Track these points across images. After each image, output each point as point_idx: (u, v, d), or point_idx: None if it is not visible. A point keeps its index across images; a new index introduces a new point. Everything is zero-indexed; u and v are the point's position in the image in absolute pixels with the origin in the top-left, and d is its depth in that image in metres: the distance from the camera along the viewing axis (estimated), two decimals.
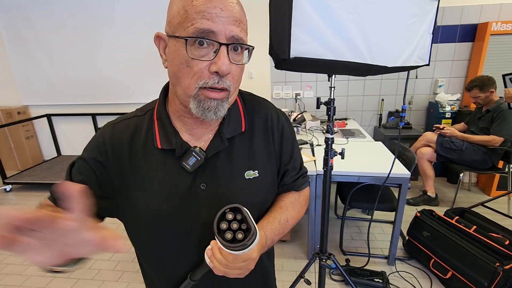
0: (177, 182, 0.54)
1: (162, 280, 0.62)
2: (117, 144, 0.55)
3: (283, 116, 0.65)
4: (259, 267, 0.63)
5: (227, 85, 0.48)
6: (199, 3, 0.44)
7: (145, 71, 3.48)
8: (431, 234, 1.83)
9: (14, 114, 3.69)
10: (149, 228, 0.56)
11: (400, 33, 0.94)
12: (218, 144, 0.56)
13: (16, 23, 3.44)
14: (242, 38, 0.47)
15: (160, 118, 0.56)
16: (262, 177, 0.59)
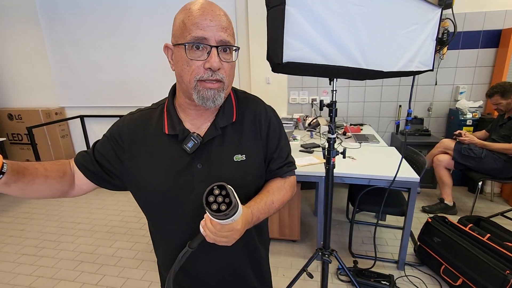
0: (178, 161, 0.66)
1: (165, 246, 0.74)
2: (133, 129, 0.70)
3: (271, 111, 0.76)
4: (249, 245, 0.76)
5: (220, 77, 0.60)
6: (194, 17, 0.57)
7: (167, 76, 3.70)
8: (442, 240, 1.81)
9: (52, 115, 4.05)
10: (154, 198, 0.68)
11: (397, 40, 1.00)
12: (213, 131, 0.68)
13: (57, 33, 3.81)
14: (229, 41, 0.60)
15: (169, 110, 0.70)
16: (249, 160, 0.69)
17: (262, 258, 0.83)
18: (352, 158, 2.07)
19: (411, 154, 2.11)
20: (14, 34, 3.98)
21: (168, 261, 0.73)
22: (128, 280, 1.91)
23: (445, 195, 2.59)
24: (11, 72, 4.18)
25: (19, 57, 4.08)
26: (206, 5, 0.59)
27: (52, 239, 2.41)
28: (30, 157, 4.21)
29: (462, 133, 2.51)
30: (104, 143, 0.71)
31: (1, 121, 4.21)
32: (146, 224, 0.73)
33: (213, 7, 0.59)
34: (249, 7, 3.24)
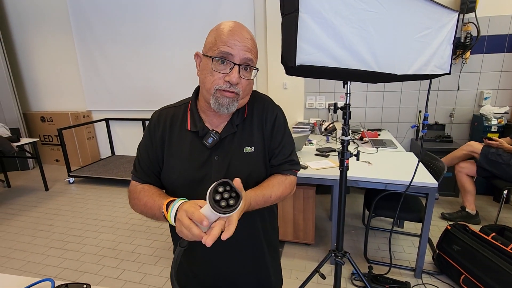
0: (199, 154, 0.75)
1: (188, 251, 0.79)
2: (162, 124, 0.79)
3: (278, 109, 0.83)
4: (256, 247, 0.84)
5: (237, 90, 0.69)
6: (224, 35, 0.67)
7: (188, 82, 3.83)
8: (462, 248, 1.76)
9: (80, 117, 4.30)
10: (178, 188, 0.77)
11: (410, 44, 1.02)
12: (230, 129, 0.76)
13: (86, 40, 4.06)
14: (252, 60, 0.69)
15: (191, 110, 0.79)
16: (257, 152, 0.78)
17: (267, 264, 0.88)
18: (368, 162, 2.06)
19: (430, 160, 2.07)
20: (48, 41, 4.28)
21: (191, 256, 0.81)
22: (146, 276, 1.99)
23: (467, 203, 2.50)
24: (45, 78, 4.49)
25: (52, 64, 4.37)
26: (237, 28, 0.68)
27: (77, 234, 2.55)
28: (59, 157, 4.47)
29: (493, 138, 2.41)
30: (145, 145, 0.80)
31: (35, 123, 4.52)
32: (164, 223, 0.79)
33: (242, 30, 0.68)
34: (268, 15, 3.32)
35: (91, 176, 3.70)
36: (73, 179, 3.80)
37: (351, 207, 2.87)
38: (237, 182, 0.57)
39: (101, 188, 3.57)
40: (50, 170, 4.26)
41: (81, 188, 3.60)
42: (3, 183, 3.75)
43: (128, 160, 4.23)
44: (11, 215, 2.94)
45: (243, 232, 0.77)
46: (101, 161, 4.26)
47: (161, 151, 0.78)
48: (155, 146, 0.78)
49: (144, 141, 0.81)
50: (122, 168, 3.87)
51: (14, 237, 2.54)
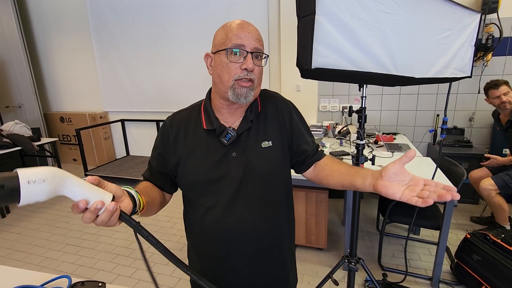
0: (215, 152, 0.77)
1: (202, 232, 0.81)
2: (176, 127, 0.81)
3: (291, 104, 0.87)
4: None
5: (253, 77, 0.72)
6: (234, 29, 0.71)
7: (200, 84, 3.88)
8: (482, 258, 1.69)
9: (97, 118, 4.42)
10: (199, 184, 0.78)
11: (429, 46, 0.99)
12: (245, 124, 0.78)
13: (104, 43, 4.18)
14: (261, 49, 0.73)
15: (206, 109, 0.80)
16: (275, 146, 0.79)
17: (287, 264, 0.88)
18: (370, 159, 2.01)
19: (449, 165, 2.00)
20: (68, 44, 4.42)
21: (207, 247, 0.82)
22: (159, 275, 2.01)
23: (500, 220, 2.35)
24: (64, 79, 4.65)
25: (71, 65, 4.52)
26: (244, 22, 0.73)
27: (92, 232, 2.62)
28: (77, 156, 4.61)
29: (488, 157, 2.29)
30: (159, 156, 0.82)
31: (54, 123, 4.68)
32: (177, 223, 0.80)
33: (248, 24, 0.74)
34: (282, 18, 3.31)
35: (107, 175, 3.78)
36: None
37: (364, 212, 2.81)
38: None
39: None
40: (68, 169, 4.34)
41: None
42: None
43: (143, 160, 4.30)
44: (31, 212, 3.05)
45: (266, 224, 0.79)
46: (116, 161, 4.36)
47: (173, 154, 0.79)
48: (168, 150, 0.80)
49: (156, 144, 0.83)
50: (137, 168, 3.94)
51: (33, 233, 2.63)
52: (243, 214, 0.77)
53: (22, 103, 4.33)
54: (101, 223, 0.52)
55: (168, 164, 0.80)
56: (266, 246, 0.81)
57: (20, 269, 1.00)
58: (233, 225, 0.76)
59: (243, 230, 0.77)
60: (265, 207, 0.79)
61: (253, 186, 0.77)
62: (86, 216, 0.50)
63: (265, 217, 0.79)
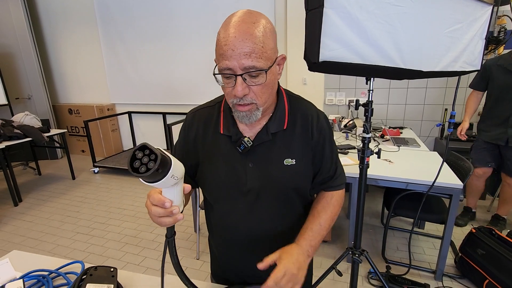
0: (232, 158, 0.73)
1: (220, 233, 0.83)
2: (196, 127, 0.78)
3: (323, 118, 0.78)
4: None
5: (249, 101, 0.64)
6: (219, 47, 0.60)
7: (207, 78, 3.88)
8: (487, 252, 1.69)
9: (104, 110, 4.47)
10: (215, 190, 0.78)
11: (438, 40, 0.98)
12: (264, 136, 0.72)
13: (111, 35, 4.20)
14: (254, 65, 0.58)
15: (225, 111, 0.75)
16: (299, 165, 0.73)
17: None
18: (390, 161, 2.01)
19: (455, 160, 1.99)
20: (75, 37, 4.46)
21: (226, 246, 0.83)
22: (166, 264, 2.06)
23: (504, 212, 2.35)
24: (72, 71, 4.70)
25: (79, 58, 4.56)
26: (232, 32, 0.58)
27: (101, 221, 2.68)
28: (85, 147, 4.69)
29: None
30: (179, 146, 0.81)
31: (63, 115, 4.75)
32: (184, 213, 0.80)
33: (238, 32, 0.57)
34: (288, 11, 3.28)
35: (115, 166, 3.85)
36: (98, 169, 3.98)
37: (369, 205, 2.82)
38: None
39: (124, 178, 3.72)
40: (77, 160, 4.48)
41: (105, 178, 3.77)
42: (35, 171, 3.99)
43: None
44: (42, 201, 3.13)
45: (281, 235, 0.77)
46: (123, 153, 4.43)
47: (193, 153, 0.78)
48: (188, 147, 0.78)
49: (179, 140, 0.82)
50: None
51: (45, 221, 2.71)
52: (258, 224, 0.76)
53: (31, 95, 4.40)
54: (160, 222, 0.56)
55: (189, 160, 0.77)
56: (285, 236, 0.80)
57: (35, 254, 1.04)
58: (247, 233, 0.77)
59: (258, 238, 0.77)
60: (281, 219, 0.78)
61: (269, 200, 0.74)
62: (156, 211, 0.54)
63: (281, 227, 0.78)
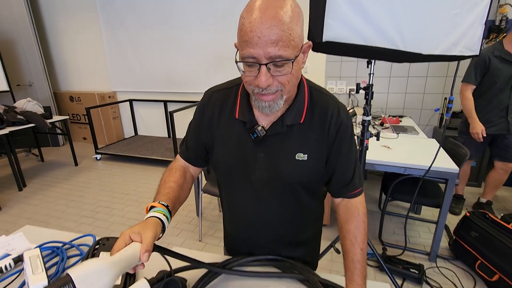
0: (245, 145, 0.72)
1: (233, 214, 0.87)
2: (211, 108, 0.76)
3: (344, 113, 0.71)
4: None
5: (273, 90, 0.59)
6: (244, 33, 0.55)
7: (209, 66, 3.89)
8: (480, 235, 1.76)
9: (106, 98, 4.48)
10: (224, 172, 0.79)
11: (439, 23, 1.00)
12: (279, 127, 0.69)
13: (111, 22, 4.16)
14: (280, 55, 0.54)
15: (242, 96, 0.73)
16: (310, 161, 0.70)
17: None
18: (388, 147, 2.05)
19: (452, 147, 2.03)
20: (75, 23, 4.42)
21: (235, 226, 0.88)
22: (169, 245, 2.13)
23: (490, 196, 2.43)
24: (73, 59, 4.67)
25: (80, 45, 4.53)
26: (258, 17, 0.53)
27: (105, 205, 2.74)
28: (86, 135, 4.72)
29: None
30: (194, 126, 0.81)
31: (64, 102, 4.76)
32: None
33: (265, 17, 0.53)
34: None
35: (117, 153, 3.89)
36: (100, 156, 4.02)
37: (367, 192, 2.88)
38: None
39: (126, 165, 3.77)
40: (78, 147, 4.51)
41: (107, 165, 3.81)
42: (37, 157, 4.03)
43: (151, 140, 4.39)
44: (46, 186, 3.18)
45: (290, 224, 0.81)
46: (125, 140, 4.46)
47: (207, 133, 0.77)
48: (203, 128, 0.78)
49: (194, 119, 0.81)
50: (145, 148, 4.04)
51: (50, 205, 2.76)
52: (264, 211, 0.77)
53: (32, 82, 4.40)
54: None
55: (202, 139, 0.79)
56: (289, 240, 0.84)
57: (47, 229, 1.09)
58: (253, 217, 0.79)
59: (263, 223, 0.80)
60: (287, 210, 0.78)
61: (276, 191, 0.74)
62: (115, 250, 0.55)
63: (287, 216, 0.78)
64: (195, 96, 4.12)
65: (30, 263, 0.81)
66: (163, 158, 3.64)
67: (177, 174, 0.79)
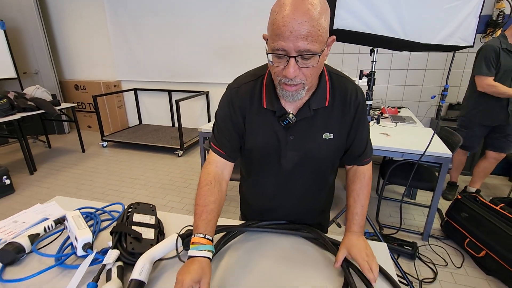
0: (275, 132, 0.79)
1: (258, 191, 0.95)
2: (241, 103, 0.80)
3: (361, 94, 0.80)
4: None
5: (298, 82, 0.65)
6: (276, 27, 0.60)
7: (213, 57, 3.97)
8: (470, 215, 1.89)
9: (111, 87, 4.55)
10: (259, 157, 0.86)
11: (437, 15, 1.11)
12: (306, 112, 0.76)
13: (117, 11, 4.21)
14: (309, 49, 0.60)
15: (268, 86, 0.78)
16: (336, 139, 0.80)
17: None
18: (387, 134, 2.17)
19: (447, 134, 2.16)
20: (81, 13, 4.46)
21: (260, 199, 0.97)
22: None
23: (478, 184, 2.56)
24: (78, 48, 4.73)
25: (85, 34, 4.59)
26: (290, 12, 0.58)
27: (115, 189, 2.86)
28: (91, 123, 4.80)
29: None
30: (223, 119, 0.83)
31: (69, 91, 4.83)
32: (191, 184, 0.92)
33: (297, 13, 0.58)
34: None
35: (123, 141, 3.99)
36: (106, 143, 4.12)
37: None
38: None
39: (132, 152, 3.87)
40: (83, 135, 4.56)
41: (114, 152, 3.92)
42: (45, 144, 4.13)
43: (155, 128, 4.49)
44: (56, 170, 3.29)
45: (311, 196, 0.92)
46: (130, 129, 4.55)
47: (240, 123, 0.81)
48: (234, 119, 0.81)
49: (223, 112, 0.83)
50: (150, 136, 4.14)
51: (61, 188, 2.88)
52: (290, 188, 0.88)
53: (38, 70, 4.46)
54: None
55: (236, 130, 0.82)
56: (307, 208, 0.96)
57: (77, 199, 1.20)
58: (282, 191, 0.89)
59: (287, 197, 0.91)
60: (311, 184, 0.89)
61: (304, 169, 0.84)
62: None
63: (310, 191, 0.90)
64: (198, 86, 4.21)
65: (74, 221, 0.92)
66: (169, 145, 3.74)
67: (215, 190, 0.79)
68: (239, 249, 0.87)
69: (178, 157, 3.65)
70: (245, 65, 4.31)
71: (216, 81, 4.09)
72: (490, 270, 1.71)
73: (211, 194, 0.78)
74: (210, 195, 0.78)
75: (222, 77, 4.02)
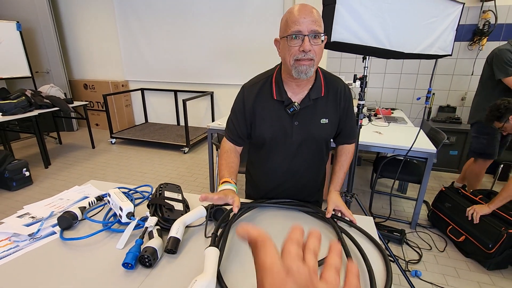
0: (282, 118, 1.01)
1: (266, 169, 1.14)
2: (253, 98, 1.02)
3: (349, 90, 1.05)
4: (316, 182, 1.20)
5: (311, 56, 0.86)
6: (294, 16, 0.85)
7: (218, 58, 4.18)
8: (452, 205, 2.11)
9: (119, 86, 4.75)
10: (264, 140, 1.06)
11: (418, 29, 1.33)
12: (307, 101, 0.98)
13: (126, 13, 4.41)
14: (317, 30, 0.85)
15: (277, 82, 1.00)
16: (330, 123, 1.03)
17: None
18: (379, 132, 2.38)
19: (433, 133, 2.38)
20: (91, 14, 4.66)
21: (268, 179, 1.16)
22: None
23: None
24: (87, 48, 4.93)
25: (94, 35, 4.78)
26: (302, 7, 0.85)
27: (126, 182, 3.05)
28: (99, 121, 4.99)
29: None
30: (237, 113, 1.06)
31: (78, 89, 5.02)
32: (199, 178, 1.11)
33: (307, 7, 0.85)
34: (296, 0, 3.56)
35: (130, 138, 4.19)
36: (115, 140, 4.31)
37: (361, 176, 3.23)
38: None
39: (140, 149, 4.07)
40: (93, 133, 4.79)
41: (122, 148, 4.11)
42: (56, 140, 4.31)
43: (161, 127, 4.68)
44: (69, 164, 3.48)
45: (311, 171, 1.13)
46: (137, 127, 4.75)
47: (252, 116, 1.03)
48: (247, 112, 1.02)
49: (236, 109, 1.06)
50: (157, 133, 4.34)
51: (76, 180, 3.07)
52: (295, 165, 1.08)
53: (50, 69, 4.65)
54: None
55: (248, 122, 1.04)
56: (306, 182, 1.16)
57: (109, 182, 1.40)
58: (289, 169, 1.10)
59: (292, 173, 1.11)
60: (311, 162, 1.10)
61: (308, 148, 1.05)
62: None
63: (311, 167, 1.11)
64: (203, 86, 4.42)
65: (116, 196, 1.12)
66: (175, 143, 3.94)
67: (232, 154, 1.09)
68: (253, 220, 1.08)
69: (184, 154, 3.85)
70: (249, 67, 4.56)
71: (221, 82, 4.29)
72: (468, 252, 1.92)
73: (230, 157, 1.07)
74: (229, 158, 1.07)
75: (226, 78, 4.23)
